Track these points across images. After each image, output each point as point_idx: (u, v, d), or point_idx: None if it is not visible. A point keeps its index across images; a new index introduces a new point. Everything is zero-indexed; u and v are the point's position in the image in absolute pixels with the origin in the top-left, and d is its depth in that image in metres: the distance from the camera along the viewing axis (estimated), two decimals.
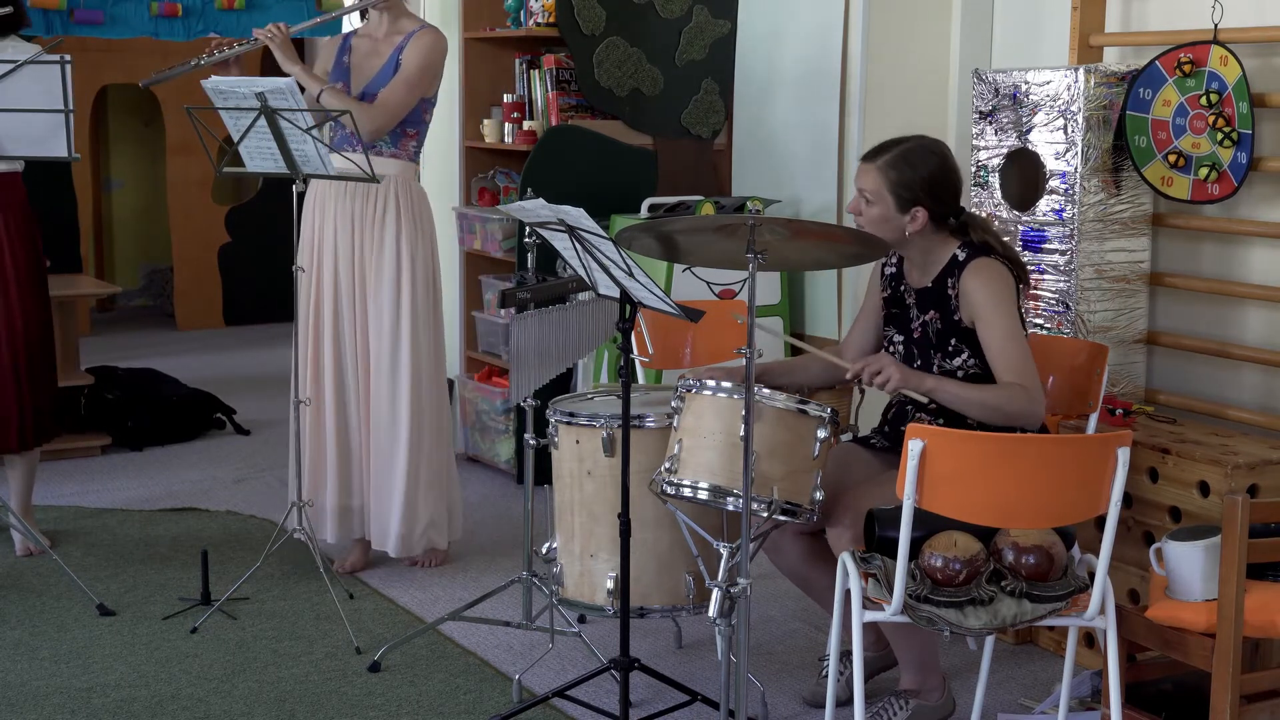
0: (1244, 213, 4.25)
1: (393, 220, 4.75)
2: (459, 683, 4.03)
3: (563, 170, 5.72)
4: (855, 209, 3.65)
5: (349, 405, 4.83)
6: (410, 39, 4.76)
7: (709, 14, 6.11)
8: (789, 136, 5.66)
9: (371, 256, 4.75)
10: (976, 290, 3.54)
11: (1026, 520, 3.19)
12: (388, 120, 4.70)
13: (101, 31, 6.65)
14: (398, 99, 4.69)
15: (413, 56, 4.72)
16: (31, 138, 4.36)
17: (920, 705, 3.70)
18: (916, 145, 3.64)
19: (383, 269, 4.74)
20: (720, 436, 3.37)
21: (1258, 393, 4.25)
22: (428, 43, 4.75)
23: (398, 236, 4.74)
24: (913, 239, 3.63)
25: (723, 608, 3.22)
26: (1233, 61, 4.06)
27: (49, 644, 4.26)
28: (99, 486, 5.91)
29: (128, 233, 10.26)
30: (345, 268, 4.77)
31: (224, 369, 8.20)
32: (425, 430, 4.80)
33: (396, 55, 4.74)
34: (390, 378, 4.76)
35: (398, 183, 4.76)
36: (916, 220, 3.60)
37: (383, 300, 4.74)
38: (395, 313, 4.74)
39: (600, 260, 3.42)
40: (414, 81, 4.71)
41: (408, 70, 4.71)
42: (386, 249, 4.74)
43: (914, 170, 3.59)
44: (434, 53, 4.75)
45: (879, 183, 3.60)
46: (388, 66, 4.75)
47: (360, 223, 4.75)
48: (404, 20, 4.83)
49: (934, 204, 3.60)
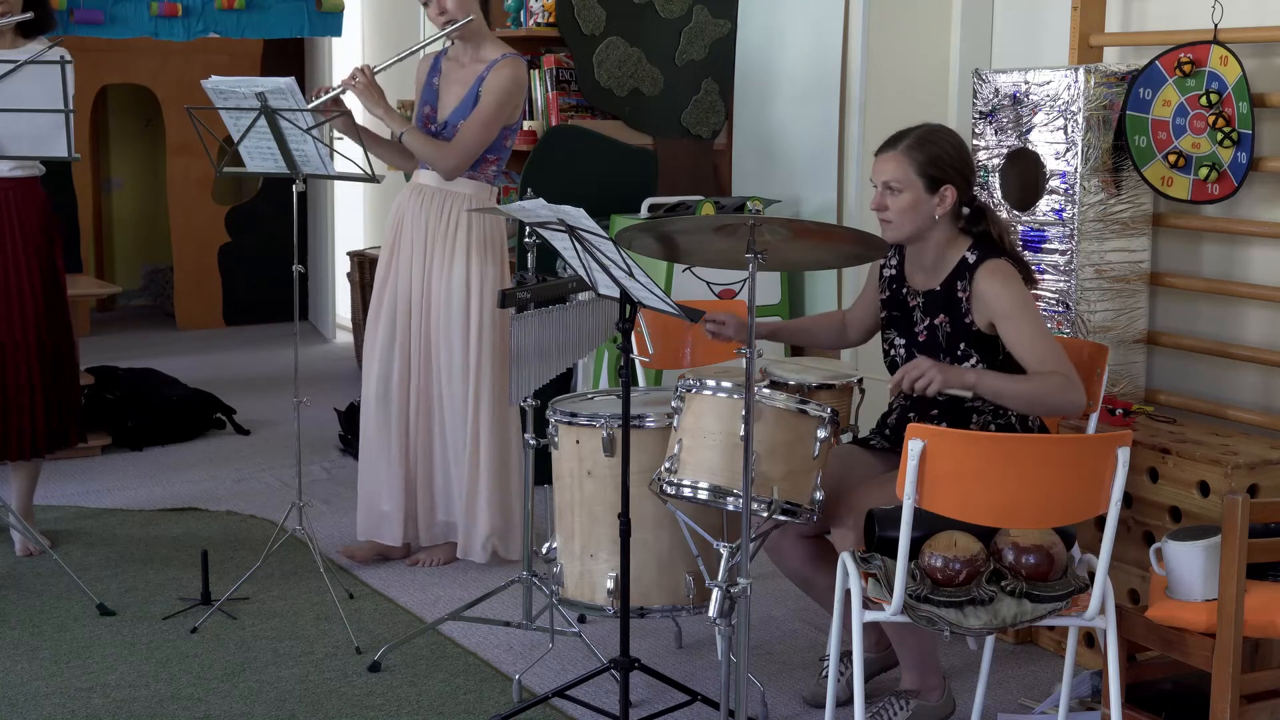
0: (1244, 213, 4.25)
1: (463, 241, 4.77)
2: (459, 683, 4.03)
3: (563, 170, 5.72)
4: (879, 204, 3.59)
5: (412, 413, 4.90)
6: (490, 70, 4.75)
7: (709, 14, 6.11)
8: (789, 136, 5.66)
9: (441, 275, 4.77)
10: (994, 293, 3.52)
11: (1026, 520, 3.19)
12: (464, 160, 4.72)
13: (101, 31, 6.65)
14: (473, 139, 4.71)
15: (491, 92, 4.71)
16: (32, 138, 4.36)
17: (921, 705, 3.70)
18: (932, 126, 3.63)
19: (452, 289, 4.76)
20: (720, 436, 3.37)
21: (1258, 393, 4.25)
22: (506, 76, 4.73)
23: (467, 258, 4.76)
24: (936, 228, 3.59)
25: (723, 608, 3.22)
26: (1233, 61, 4.06)
27: (49, 644, 4.26)
28: (99, 486, 5.91)
29: (128, 233, 10.27)
30: (419, 282, 4.81)
31: (224, 369, 8.20)
32: (494, 442, 4.84)
33: (477, 87, 4.74)
34: (463, 397, 4.79)
35: (470, 202, 4.78)
36: (945, 201, 3.56)
37: (453, 320, 4.76)
38: (465, 333, 4.77)
39: (600, 260, 3.42)
40: (490, 119, 4.71)
41: (484, 108, 4.71)
42: (456, 269, 4.76)
43: (938, 147, 3.56)
44: (512, 86, 4.74)
45: (904, 167, 3.55)
46: (468, 97, 4.75)
47: (430, 240, 4.78)
48: (486, 47, 4.82)
49: (960, 181, 3.58)
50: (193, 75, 4.68)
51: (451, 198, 4.79)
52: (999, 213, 4.32)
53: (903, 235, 3.60)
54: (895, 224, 3.58)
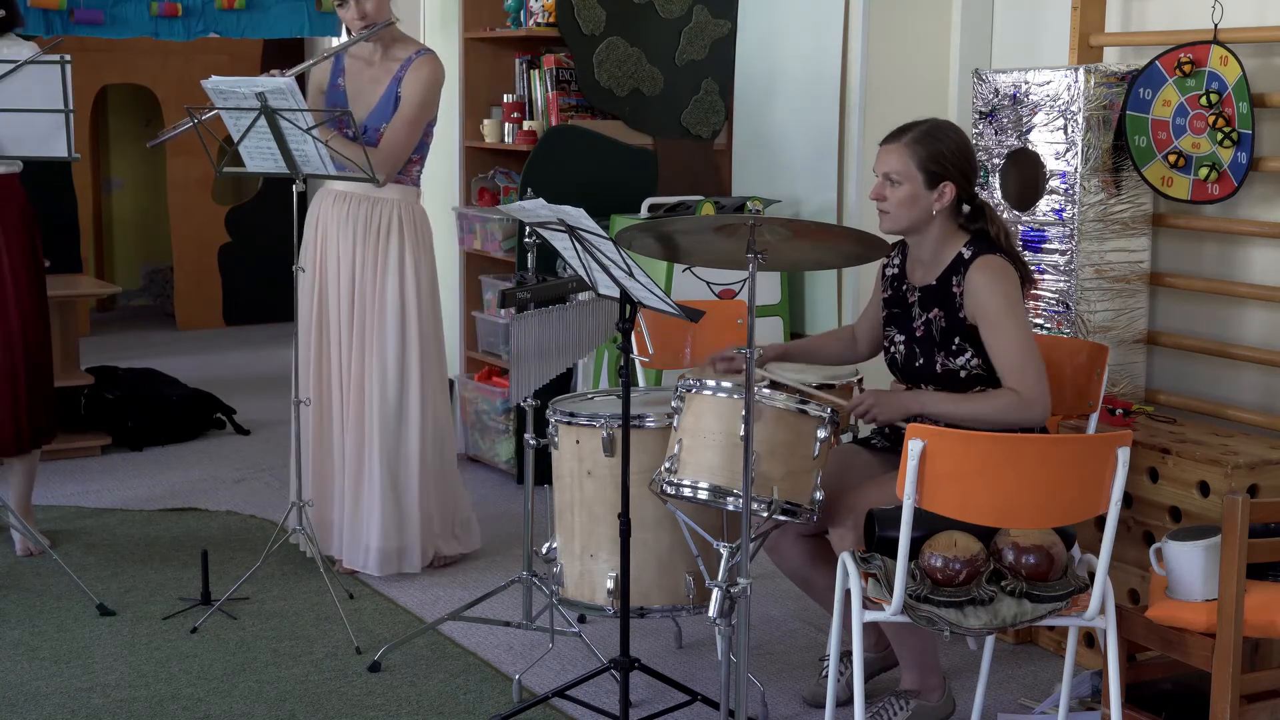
0: (1244, 213, 4.25)
1: (396, 242, 4.72)
2: (459, 683, 4.03)
3: (563, 170, 5.72)
4: (879, 194, 3.61)
5: (333, 412, 4.81)
6: (408, 68, 4.67)
7: (709, 14, 6.11)
8: (789, 136, 5.66)
9: (373, 276, 4.71)
10: (982, 289, 3.53)
11: (1026, 520, 3.19)
12: (396, 164, 4.67)
13: (101, 31, 6.66)
14: (400, 141, 4.65)
15: (412, 92, 4.65)
16: (31, 138, 4.36)
17: (921, 705, 3.70)
18: (938, 122, 3.65)
19: (386, 290, 4.71)
20: (720, 436, 3.37)
21: (1258, 393, 4.25)
22: (424, 75, 4.66)
23: (401, 256, 4.72)
24: (934, 223, 3.60)
25: (723, 608, 3.22)
26: (1233, 61, 4.06)
27: (49, 644, 4.26)
28: (99, 486, 5.91)
29: (128, 233, 10.26)
30: (345, 284, 4.73)
31: (224, 369, 8.20)
32: (430, 444, 4.79)
33: (395, 87, 4.67)
34: (398, 392, 4.73)
35: (400, 206, 4.74)
36: (944, 197, 3.57)
37: (388, 319, 4.71)
38: (400, 329, 4.71)
39: (600, 260, 3.42)
40: (414, 120, 4.65)
41: (407, 109, 4.64)
42: (390, 269, 4.71)
43: (941, 144, 3.57)
44: (432, 84, 4.68)
45: (906, 160, 3.57)
46: (386, 98, 4.68)
47: (363, 244, 4.72)
48: (399, 46, 4.74)
49: (960, 179, 3.59)
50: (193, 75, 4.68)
51: (379, 204, 4.71)
52: (999, 212, 4.32)
53: (899, 227, 3.62)
54: (892, 215, 3.61)
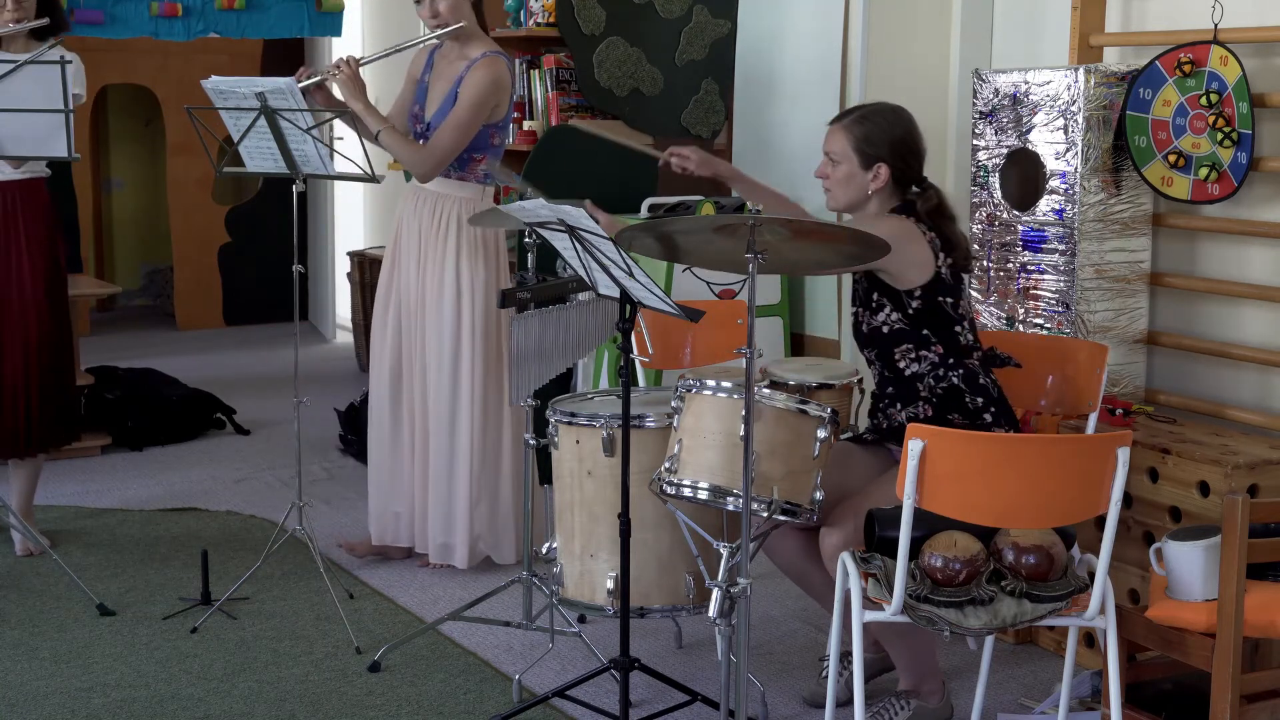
0: (1244, 213, 4.25)
1: (453, 242, 4.74)
2: (459, 683, 4.03)
3: (563, 170, 5.72)
4: (822, 172, 3.78)
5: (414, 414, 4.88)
6: (470, 69, 4.68)
7: (709, 14, 6.11)
8: (789, 136, 5.66)
9: (434, 278, 4.75)
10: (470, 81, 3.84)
11: (1026, 520, 3.19)
12: (437, 165, 4.67)
13: (101, 31, 6.66)
14: (446, 143, 4.65)
15: (467, 93, 4.65)
16: (32, 138, 4.36)
17: (921, 706, 3.70)
18: (879, 106, 3.81)
19: (443, 291, 4.74)
20: (720, 436, 3.37)
21: (1258, 393, 4.25)
22: (479, 78, 4.65)
23: (457, 260, 4.73)
24: (871, 202, 3.74)
25: (723, 608, 3.22)
26: (1233, 61, 4.06)
27: (49, 644, 4.26)
28: (99, 486, 5.91)
29: (128, 233, 10.26)
30: (414, 279, 4.80)
31: (224, 369, 8.20)
32: (478, 448, 4.81)
33: (456, 86, 4.69)
34: (449, 400, 4.76)
35: (462, 204, 4.75)
36: (879, 178, 3.71)
37: (444, 322, 4.74)
38: (455, 335, 4.74)
39: (600, 260, 3.42)
40: (464, 123, 4.64)
41: (459, 111, 4.64)
42: (447, 270, 4.73)
43: (875, 127, 3.72)
44: (489, 86, 4.66)
45: (844, 142, 3.73)
46: (449, 97, 4.70)
47: (424, 243, 4.76)
48: (471, 45, 4.74)
49: (895, 160, 3.70)
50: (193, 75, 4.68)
51: (444, 200, 4.76)
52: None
53: (839, 205, 3.81)
54: (833, 193, 3.80)
